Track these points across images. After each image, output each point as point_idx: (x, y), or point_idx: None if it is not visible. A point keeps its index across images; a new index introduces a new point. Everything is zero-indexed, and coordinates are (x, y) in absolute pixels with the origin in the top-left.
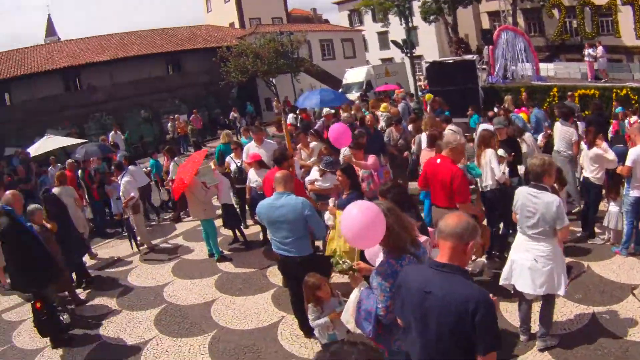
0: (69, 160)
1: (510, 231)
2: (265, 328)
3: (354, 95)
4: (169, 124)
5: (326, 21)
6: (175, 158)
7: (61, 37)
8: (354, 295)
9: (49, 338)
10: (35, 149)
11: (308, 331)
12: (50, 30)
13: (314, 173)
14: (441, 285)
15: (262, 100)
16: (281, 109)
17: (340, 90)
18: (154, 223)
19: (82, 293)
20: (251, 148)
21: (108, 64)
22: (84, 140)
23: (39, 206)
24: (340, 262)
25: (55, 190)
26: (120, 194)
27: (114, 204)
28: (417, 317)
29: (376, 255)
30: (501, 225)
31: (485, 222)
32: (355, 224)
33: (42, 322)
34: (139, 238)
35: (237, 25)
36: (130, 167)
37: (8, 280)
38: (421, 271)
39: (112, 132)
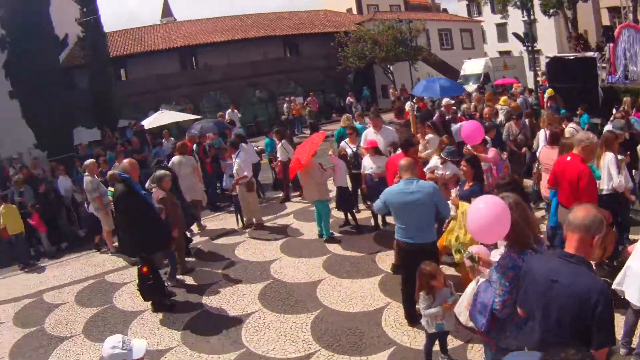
0: (192, 132)
1: (626, 238)
2: (369, 312)
3: (471, 87)
4: (285, 105)
5: (444, 10)
6: (283, 140)
7: (177, 17)
8: (471, 287)
9: (150, 302)
10: (149, 122)
11: (412, 320)
12: (167, 10)
13: (434, 161)
14: (568, 274)
15: (378, 87)
16: (397, 97)
17: (458, 81)
18: (264, 204)
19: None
20: (369, 134)
21: (225, 44)
22: (198, 117)
23: (168, 172)
24: (463, 252)
25: (175, 159)
26: (234, 171)
27: (226, 179)
28: (540, 305)
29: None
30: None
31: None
32: (482, 218)
33: (147, 286)
34: (245, 218)
35: (354, 11)
36: (242, 144)
37: (115, 244)
38: (547, 260)
39: (229, 110)
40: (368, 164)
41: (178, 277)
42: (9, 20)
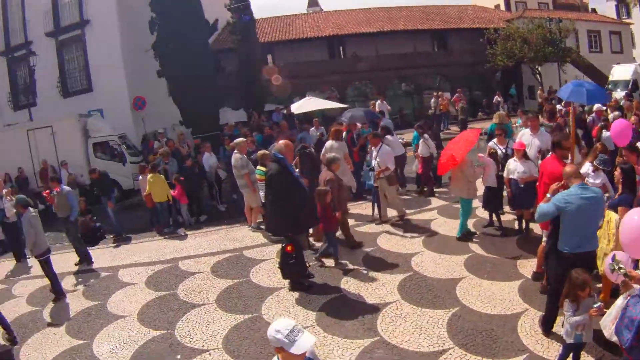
0: (342, 119)
1: None
2: (506, 316)
3: (619, 94)
4: (432, 100)
5: (593, 11)
6: (425, 135)
7: (323, 7)
8: (621, 301)
9: (289, 281)
10: (296, 108)
11: (548, 329)
12: (313, 0)
13: (586, 167)
14: None
15: (524, 87)
16: (545, 98)
17: (605, 86)
18: (407, 197)
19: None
20: (525, 135)
21: (373, 35)
22: (344, 105)
23: (338, 156)
24: (616, 267)
25: (328, 143)
26: (375, 162)
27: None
28: None
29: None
30: None
31: None
32: (636, 231)
33: (288, 265)
34: (382, 212)
35: (502, 7)
36: (387, 136)
37: (258, 220)
38: None
39: (379, 101)
40: (514, 168)
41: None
42: (159, 3)
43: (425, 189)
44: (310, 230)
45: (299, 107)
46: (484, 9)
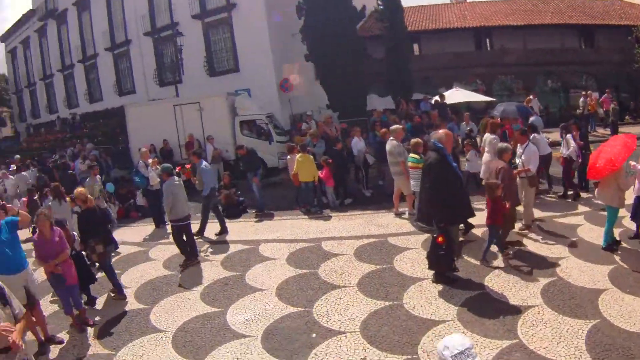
0: (494, 113)
1: None
2: None
3: None
4: (581, 100)
5: None
6: (568, 135)
7: None
8: None
9: (434, 272)
10: (446, 98)
11: None
12: None
13: None
14: None
15: None
16: None
17: None
18: (552, 198)
19: None
20: None
21: (521, 28)
22: (491, 99)
23: (509, 146)
24: None
25: (485, 136)
26: (520, 160)
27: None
28: None
29: None
30: None
31: None
32: None
33: (437, 255)
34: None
35: None
36: (534, 134)
37: (402, 209)
38: None
39: (531, 97)
40: None
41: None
42: None
43: (570, 192)
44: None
45: (448, 97)
46: (631, 5)
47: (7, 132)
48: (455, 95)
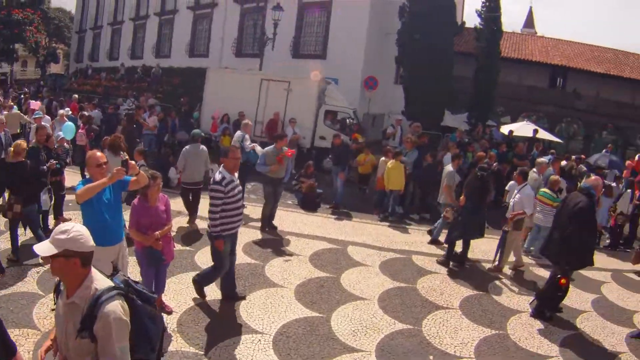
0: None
1: None
2: None
3: None
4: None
5: None
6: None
7: (537, 31)
8: None
9: (536, 307)
10: (515, 129)
11: None
12: (529, 21)
13: None
14: None
15: None
16: None
17: None
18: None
19: None
20: None
21: (597, 75)
22: (558, 139)
23: None
24: None
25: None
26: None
27: None
28: None
29: None
30: None
31: None
32: None
33: (554, 296)
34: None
35: None
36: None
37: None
38: None
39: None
40: None
41: None
42: None
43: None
44: None
45: (517, 130)
46: None
47: (56, 70)
48: (525, 128)
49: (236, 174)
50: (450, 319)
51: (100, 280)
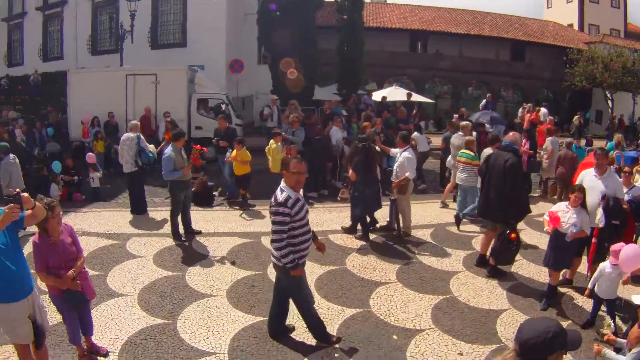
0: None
1: None
2: None
3: None
4: (520, 110)
5: None
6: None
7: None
8: None
9: (491, 266)
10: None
11: None
12: None
13: None
14: None
15: (592, 111)
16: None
17: None
18: None
19: None
20: (587, 176)
21: (458, 36)
22: (430, 100)
23: None
24: None
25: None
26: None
27: None
28: None
29: None
30: None
31: None
32: None
33: (510, 251)
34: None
35: (575, 27)
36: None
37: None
38: None
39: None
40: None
41: None
42: None
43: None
44: None
45: (388, 94)
46: (563, 28)
47: None
48: (396, 93)
49: (301, 192)
50: (394, 293)
51: None
